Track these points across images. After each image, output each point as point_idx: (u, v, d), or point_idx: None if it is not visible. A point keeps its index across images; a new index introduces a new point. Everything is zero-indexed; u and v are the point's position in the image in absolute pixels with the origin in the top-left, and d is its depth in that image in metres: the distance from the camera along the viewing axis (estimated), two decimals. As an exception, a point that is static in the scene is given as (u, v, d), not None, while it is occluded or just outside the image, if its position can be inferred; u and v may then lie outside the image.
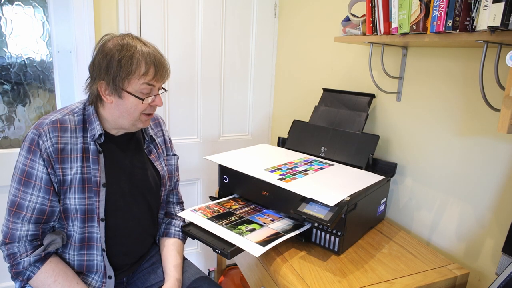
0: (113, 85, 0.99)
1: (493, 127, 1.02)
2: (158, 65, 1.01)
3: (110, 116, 1.05)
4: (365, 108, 1.40)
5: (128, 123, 1.05)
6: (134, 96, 1.00)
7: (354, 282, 0.94)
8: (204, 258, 2.23)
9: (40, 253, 0.97)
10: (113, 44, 0.99)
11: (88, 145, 1.03)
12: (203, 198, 2.15)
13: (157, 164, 1.19)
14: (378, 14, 1.08)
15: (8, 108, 1.71)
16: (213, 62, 1.99)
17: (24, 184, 0.97)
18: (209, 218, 1.12)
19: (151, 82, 1.01)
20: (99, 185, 1.02)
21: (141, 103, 1.02)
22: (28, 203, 0.97)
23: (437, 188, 1.20)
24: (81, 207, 1.01)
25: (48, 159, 0.97)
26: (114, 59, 0.97)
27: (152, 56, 1.00)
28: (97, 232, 1.03)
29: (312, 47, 1.82)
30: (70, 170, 0.99)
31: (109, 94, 1.01)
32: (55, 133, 0.98)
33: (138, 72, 0.98)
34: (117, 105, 1.02)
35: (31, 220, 0.97)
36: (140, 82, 1.00)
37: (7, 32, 1.64)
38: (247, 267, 1.26)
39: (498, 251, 1.02)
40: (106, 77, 0.99)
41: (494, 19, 0.76)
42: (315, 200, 1.02)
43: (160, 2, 1.79)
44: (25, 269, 0.97)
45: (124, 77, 0.98)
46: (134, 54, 0.98)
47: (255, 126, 2.22)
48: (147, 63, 0.99)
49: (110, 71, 0.98)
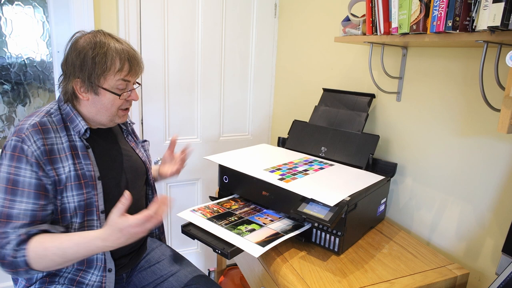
0: (88, 83, 0.99)
1: (493, 127, 1.02)
2: (132, 61, 1.02)
3: (87, 113, 1.05)
4: (365, 108, 1.40)
5: (106, 119, 1.06)
6: (111, 92, 1.01)
7: (354, 282, 0.94)
8: (204, 258, 2.23)
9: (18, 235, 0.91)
10: (85, 41, 0.99)
11: (75, 142, 1.02)
12: (203, 198, 2.15)
13: (138, 151, 1.23)
14: (378, 14, 1.08)
15: (8, 108, 1.71)
16: (213, 62, 1.99)
17: (10, 193, 0.92)
18: (208, 218, 1.12)
19: (126, 77, 1.02)
20: (94, 178, 1.03)
21: (117, 98, 1.03)
22: (18, 211, 0.92)
23: (437, 188, 1.20)
24: (81, 203, 1.00)
25: (37, 163, 0.93)
26: (88, 57, 0.97)
27: (126, 52, 1.01)
28: (97, 226, 1.03)
29: (312, 47, 1.82)
30: (63, 169, 0.98)
31: (85, 92, 1.01)
32: (39, 135, 0.95)
33: (113, 68, 0.99)
34: (94, 102, 1.02)
35: (24, 226, 0.92)
36: (116, 78, 1.00)
37: (7, 32, 1.64)
38: (247, 267, 1.26)
39: (498, 251, 1.02)
40: (81, 75, 0.98)
41: (494, 19, 0.75)
42: (315, 200, 1.02)
43: (160, 2, 1.79)
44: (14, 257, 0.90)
45: (99, 74, 0.98)
46: (108, 51, 0.98)
47: (255, 126, 2.22)
48: (121, 59, 1.00)
49: (84, 68, 0.98)
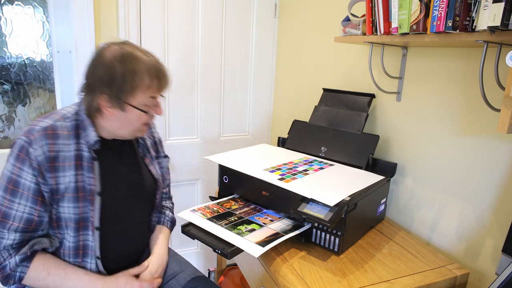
0: (116, 100, 0.95)
1: (493, 127, 1.02)
2: (161, 77, 0.99)
3: (109, 127, 1.01)
4: (365, 108, 1.40)
5: (128, 133, 1.04)
6: (138, 109, 0.98)
7: (354, 282, 0.94)
8: (204, 258, 2.23)
9: (26, 251, 0.94)
10: (113, 55, 0.95)
11: (82, 152, 0.98)
12: (203, 198, 2.15)
13: (151, 168, 1.18)
14: (378, 14, 1.08)
15: (8, 108, 1.71)
16: (213, 62, 1.99)
17: (10, 192, 0.92)
18: (208, 218, 1.12)
19: (155, 94, 1.00)
20: (93, 193, 0.99)
21: (144, 115, 1.00)
22: (16, 213, 0.92)
23: (437, 188, 1.20)
24: (75, 216, 0.98)
25: (38, 168, 0.92)
26: (117, 73, 0.93)
27: (155, 68, 0.98)
28: (92, 241, 1.01)
29: (312, 47, 1.82)
30: (63, 178, 0.95)
31: (111, 107, 0.97)
32: (47, 140, 0.93)
33: (143, 86, 0.96)
34: (119, 118, 0.99)
35: (18, 229, 0.93)
36: (145, 95, 0.98)
37: (7, 32, 1.64)
38: (247, 267, 1.26)
39: (498, 251, 1.02)
40: (108, 91, 0.94)
41: (494, 19, 0.75)
42: (315, 200, 1.02)
43: (160, 2, 1.79)
44: (13, 271, 0.93)
45: (128, 92, 0.95)
46: (137, 67, 0.95)
47: (255, 126, 2.22)
48: (151, 75, 0.97)
49: (113, 85, 0.94)
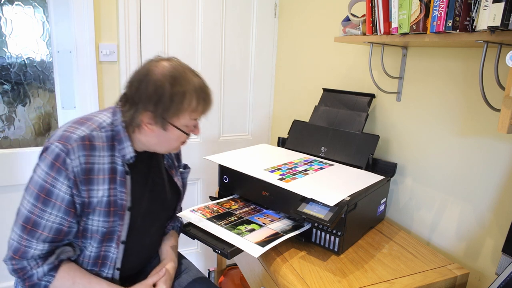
0: (160, 118, 0.93)
1: (493, 127, 1.02)
2: (207, 100, 0.98)
3: (145, 142, 0.99)
4: (365, 108, 1.40)
5: (163, 150, 1.03)
6: (180, 130, 0.97)
7: (354, 282, 0.94)
8: (204, 258, 2.23)
9: (53, 261, 0.93)
10: (163, 74, 0.92)
11: (116, 165, 0.96)
12: (203, 198, 2.15)
13: (176, 179, 1.17)
14: (378, 14, 1.08)
15: (8, 108, 1.71)
16: (213, 62, 1.99)
17: (42, 202, 0.89)
18: (208, 218, 1.12)
19: (199, 116, 1.00)
20: (124, 208, 0.98)
21: (184, 135, 0.99)
22: (46, 222, 0.90)
23: (437, 188, 1.20)
24: (103, 230, 0.96)
25: (74, 180, 0.89)
26: (167, 93, 0.91)
27: (202, 91, 0.97)
28: (114, 253, 1.01)
29: (312, 47, 1.82)
30: (97, 192, 0.93)
31: (152, 124, 0.95)
32: (84, 151, 0.90)
33: (189, 108, 0.95)
34: (158, 135, 0.97)
35: (47, 239, 0.91)
36: (189, 117, 0.97)
37: (7, 32, 1.64)
38: (247, 267, 1.26)
39: (498, 251, 1.02)
40: (154, 109, 0.92)
41: (494, 19, 0.75)
42: (315, 200, 1.02)
43: (160, 2, 1.79)
44: (40, 280, 0.92)
45: (174, 113, 0.93)
46: (187, 90, 0.93)
47: (255, 126, 2.22)
48: (199, 99, 0.95)
49: (160, 104, 0.92)
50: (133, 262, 1.10)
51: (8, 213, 1.72)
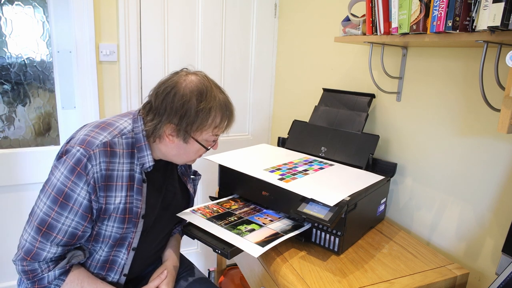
0: (183, 132, 0.94)
1: (493, 127, 1.02)
2: (230, 118, 1.00)
3: (165, 151, 1.00)
4: (365, 108, 1.40)
5: (181, 161, 1.03)
6: (201, 144, 0.98)
7: (354, 282, 0.94)
8: (204, 258, 2.23)
9: (65, 265, 0.93)
10: (190, 89, 0.93)
11: (134, 172, 0.97)
12: (203, 198, 2.15)
13: (189, 186, 1.19)
14: (378, 14, 1.08)
15: (8, 108, 1.71)
16: (213, 62, 1.99)
17: (60, 205, 0.88)
18: (208, 218, 1.12)
19: (221, 132, 1.00)
20: (139, 216, 0.99)
21: (203, 149, 1.00)
22: (61, 226, 0.89)
23: (437, 188, 1.20)
24: (117, 235, 0.97)
25: (93, 186, 0.89)
26: (193, 108, 0.92)
27: (227, 108, 0.98)
28: (123, 258, 1.01)
29: (312, 47, 1.82)
30: (114, 199, 0.94)
31: (174, 136, 0.96)
32: (105, 158, 0.90)
33: (213, 124, 0.96)
34: (178, 147, 0.98)
35: (61, 243, 0.91)
36: (211, 133, 0.98)
37: (7, 32, 1.64)
38: (247, 267, 1.26)
39: (498, 251, 1.02)
40: (178, 122, 0.93)
41: (494, 19, 0.75)
42: (315, 200, 1.02)
43: (160, 2, 1.79)
44: (50, 283, 0.93)
45: (197, 128, 0.94)
46: (213, 106, 0.94)
47: (255, 126, 2.22)
48: (223, 116, 0.97)
49: (185, 119, 0.93)
50: (139, 267, 1.10)
51: (8, 213, 1.72)
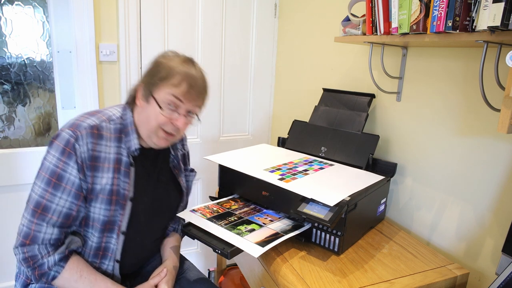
0: (146, 89, 0.99)
1: (493, 127, 1.02)
2: (193, 85, 0.98)
3: (137, 121, 1.02)
4: (365, 108, 1.40)
5: (145, 132, 1.01)
6: (157, 103, 0.97)
7: (354, 282, 0.94)
8: (204, 258, 2.23)
9: (64, 250, 0.95)
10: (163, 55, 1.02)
11: (121, 156, 1.00)
12: (203, 198, 2.15)
13: (180, 179, 1.18)
14: (378, 14, 1.08)
15: (8, 108, 1.71)
16: (213, 62, 1.99)
17: (53, 186, 0.92)
18: (208, 218, 1.13)
19: (179, 96, 0.97)
20: (126, 198, 1.00)
21: (160, 113, 0.97)
22: (56, 206, 0.93)
23: (437, 188, 1.20)
24: (105, 218, 0.98)
25: (81, 164, 0.93)
26: (156, 65, 1.00)
27: (191, 76, 0.98)
28: (114, 244, 1.02)
29: (312, 47, 1.82)
30: (101, 179, 0.96)
31: (141, 98, 1.00)
32: (92, 139, 0.94)
33: (170, 82, 0.96)
34: (143, 110, 1.00)
35: (57, 223, 0.93)
36: (168, 91, 0.96)
37: (7, 32, 1.64)
38: (247, 267, 1.26)
39: (498, 251, 1.02)
40: (145, 79, 1.00)
41: (494, 19, 0.75)
42: (315, 200, 1.02)
43: (160, 2, 1.79)
44: (50, 269, 0.94)
45: (156, 82, 0.97)
46: (175, 65, 0.98)
47: (255, 126, 2.22)
48: (182, 78, 0.97)
49: (149, 75, 0.99)
50: (132, 257, 1.10)
51: (8, 213, 1.72)
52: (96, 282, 0.98)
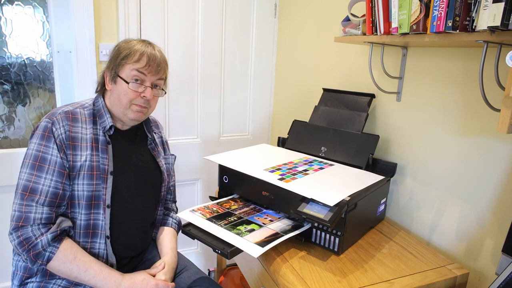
0: (111, 72, 1.08)
1: (493, 127, 1.02)
2: (151, 58, 1.08)
3: (109, 105, 1.11)
4: (365, 108, 1.40)
5: (119, 111, 1.10)
6: (124, 80, 1.06)
7: (354, 282, 0.94)
8: (204, 258, 2.23)
9: (56, 229, 0.99)
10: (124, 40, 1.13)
11: (98, 136, 1.08)
12: (203, 198, 2.15)
13: (158, 161, 1.24)
14: (378, 14, 1.08)
15: (8, 108, 1.71)
16: (213, 62, 1.99)
17: (37, 168, 0.99)
18: (208, 218, 1.13)
19: (141, 69, 1.07)
20: (107, 172, 1.06)
21: (128, 89, 1.07)
22: (42, 187, 0.99)
23: (437, 188, 1.20)
24: (89, 193, 1.04)
25: (60, 145, 1.01)
26: (118, 49, 1.10)
27: (149, 52, 1.08)
28: (102, 219, 1.06)
29: (312, 47, 1.82)
30: (80, 157, 1.03)
31: (109, 82, 1.10)
32: (67, 122, 1.03)
33: (132, 59, 1.06)
34: (113, 92, 1.09)
35: (45, 203, 0.99)
36: (131, 68, 1.06)
37: (7, 32, 1.64)
38: (247, 267, 1.26)
39: (498, 251, 1.02)
40: (110, 64, 1.10)
41: (494, 19, 0.75)
42: (315, 200, 1.02)
43: (160, 2, 1.79)
44: (44, 249, 0.97)
45: (119, 63, 1.07)
46: (133, 46, 1.08)
47: (255, 126, 2.22)
48: (141, 54, 1.07)
49: (112, 59, 1.09)
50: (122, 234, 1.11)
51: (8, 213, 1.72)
52: (91, 265, 1.01)
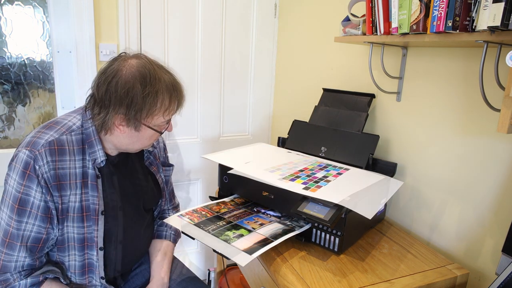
0: (133, 120, 0.91)
1: (493, 127, 1.02)
2: (180, 98, 0.97)
3: (117, 143, 0.97)
4: (365, 108, 1.40)
5: (136, 149, 1.01)
6: (153, 129, 0.95)
7: (354, 282, 0.94)
8: (204, 258, 2.23)
9: (38, 276, 0.91)
10: (131, 74, 0.88)
11: (88, 169, 0.95)
12: (203, 198, 2.15)
13: (158, 176, 1.17)
14: (378, 14, 1.08)
15: (8, 108, 1.71)
16: (213, 62, 1.99)
17: (17, 212, 0.88)
18: (196, 224, 1.07)
19: (171, 115, 0.98)
20: (97, 213, 0.97)
21: (157, 134, 0.98)
22: (23, 232, 0.89)
23: (437, 188, 1.20)
24: (80, 236, 0.95)
25: (46, 186, 0.88)
26: (138, 95, 0.88)
27: (175, 89, 0.95)
28: (96, 261, 0.99)
29: (312, 47, 1.82)
30: (69, 197, 0.92)
31: (124, 126, 0.93)
32: (53, 157, 0.88)
33: (163, 108, 0.93)
34: (130, 136, 0.95)
35: (27, 248, 0.90)
36: (163, 116, 0.95)
37: (7, 32, 1.64)
38: (247, 267, 1.25)
39: (498, 251, 1.02)
40: (126, 111, 0.89)
41: (494, 19, 0.75)
42: (315, 200, 1.02)
43: (160, 2, 1.79)
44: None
45: (147, 114, 0.91)
46: (159, 89, 0.90)
47: (255, 126, 2.22)
48: (171, 97, 0.94)
49: (132, 107, 0.88)
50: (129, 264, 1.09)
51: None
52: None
